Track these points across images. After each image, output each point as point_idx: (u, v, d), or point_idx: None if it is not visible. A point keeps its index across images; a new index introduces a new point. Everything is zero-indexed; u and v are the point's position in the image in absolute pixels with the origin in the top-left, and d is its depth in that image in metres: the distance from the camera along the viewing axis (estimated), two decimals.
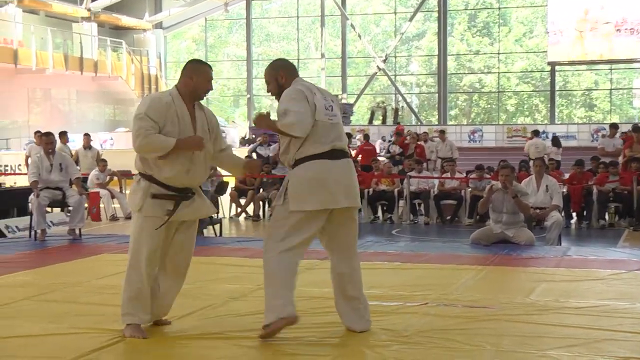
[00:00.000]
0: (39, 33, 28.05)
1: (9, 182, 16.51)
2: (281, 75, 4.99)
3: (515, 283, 7.31)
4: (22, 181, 15.17)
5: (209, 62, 5.31)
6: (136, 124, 4.84)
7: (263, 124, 4.95)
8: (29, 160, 14.52)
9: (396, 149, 18.53)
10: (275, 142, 17.23)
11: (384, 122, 32.90)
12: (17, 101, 26.85)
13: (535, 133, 20.81)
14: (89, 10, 31.01)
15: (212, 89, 5.15)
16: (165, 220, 4.89)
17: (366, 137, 21.23)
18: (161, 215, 4.93)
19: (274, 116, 4.97)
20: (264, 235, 4.91)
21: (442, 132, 20.08)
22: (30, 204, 10.76)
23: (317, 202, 4.81)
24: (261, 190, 14.68)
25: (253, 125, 33.90)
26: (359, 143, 28.71)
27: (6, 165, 21.46)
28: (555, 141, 20.93)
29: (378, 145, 28.55)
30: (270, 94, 5.12)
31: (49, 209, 11.24)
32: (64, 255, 9.00)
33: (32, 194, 10.52)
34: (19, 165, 20.41)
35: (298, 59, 37.33)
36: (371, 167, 15.19)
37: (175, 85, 5.12)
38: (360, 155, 18.72)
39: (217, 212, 12.43)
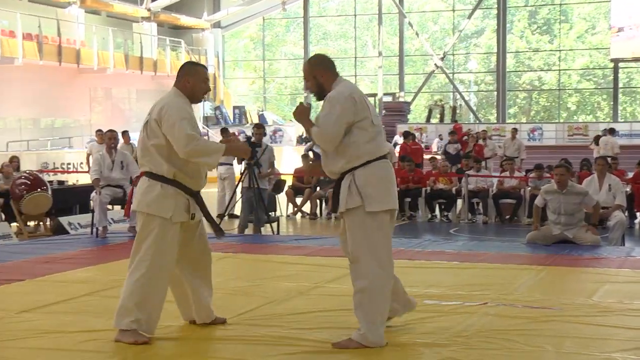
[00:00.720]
0: (100, 33, 28.53)
1: (72, 179, 16.85)
2: (319, 72, 4.85)
3: (576, 284, 7.21)
4: (84, 179, 15.47)
5: (266, 61, 5.26)
6: (181, 128, 4.73)
7: (300, 119, 4.87)
8: (91, 159, 14.79)
9: (455, 148, 18.35)
10: None
11: (441, 120, 32.67)
12: (79, 100, 27.37)
13: (611, 131, 20.60)
14: (149, 10, 31.45)
15: (209, 89, 5.12)
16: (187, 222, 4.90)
17: (413, 136, 21.10)
18: (187, 219, 4.90)
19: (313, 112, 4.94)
20: (358, 251, 4.71)
21: (515, 130, 19.88)
22: (92, 202, 10.94)
23: (393, 202, 4.77)
24: (318, 188, 14.71)
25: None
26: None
27: (69, 164, 21.90)
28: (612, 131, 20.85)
29: (435, 144, 28.39)
30: (309, 91, 4.98)
31: (110, 207, 11.43)
32: (125, 251, 9.01)
33: (94, 191, 10.70)
34: (81, 163, 20.80)
35: (355, 57, 37.31)
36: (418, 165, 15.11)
37: (175, 88, 5.04)
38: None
39: (275, 211, 12.48)
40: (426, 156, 20.16)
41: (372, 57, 37.33)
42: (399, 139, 26.73)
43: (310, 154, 18.06)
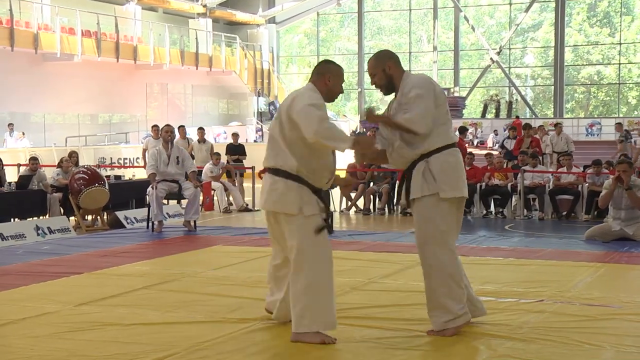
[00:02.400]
0: (156, 29, 28.96)
1: (128, 174, 17.07)
2: (389, 65, 4.87)
3: (637, 281, 7.14)
4: (140, 174, 15.64)
5: (320, 56, 5.18)
6: (311, 109, 4.57)
7: (377, 120, 4.93)
8: (147, 154, 14.98)
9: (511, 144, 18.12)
10: None
11: (497, 115, 32.35)
12: (136, 96, 27.80)
13: None
14: (204, 6, 31.79)
15: (342, 91, 5.03)
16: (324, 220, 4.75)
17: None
18: (319, 212, 4.78)
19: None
20: (421, 234, 4.83)
21: (558, 124, 19.61)
22: (148, 196, 11.02)
23: (465, 189, 4.84)
24: (371, 184, 14.70)
25: (363, 119, 34.04)
26: (470, 137, 28.42)
27: (125, 158, 22.25)
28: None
29: (490, 139, 28.14)
30: (374, 86, 4.99)
31: (165, 201, 11.58)
32: (180, 246, 9.28)
33: (150, 186, 10.80)
34: (137, 158, 21.10)
35: (410, 52, 37.12)
36: None
37: (312, 84, 4.88)
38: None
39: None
40: (482, 152, 20.01)
41: (427, 51, 37.12)
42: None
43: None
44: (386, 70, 4.85)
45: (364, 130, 26.88)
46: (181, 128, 16.50)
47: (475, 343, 4.71)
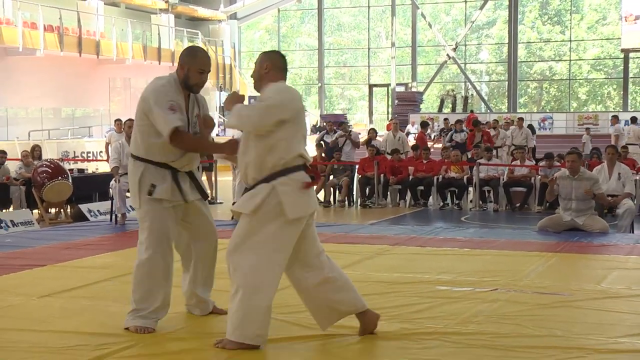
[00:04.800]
0: (119, 25, 28.91)
1: (91, 168, 17.12)
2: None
3: (586, 270, 7.23)
4: (104, 167, 15.66)
5: (282, 52, 5.15)
6: (266, 108, 4.45)
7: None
8: (110, 147, 15.08)
9: (461, 137, 18.62)
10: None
11: (453, 110, 32.92)
12: (99, 90, 27.76)
13: (633, 120, 21.02)
14: (166, 2, 31.77)
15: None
16: None
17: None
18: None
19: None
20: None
21: (521, 119, 20.24)
22: (111, 189, 11.02)
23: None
24: (331, 177, 15.02)
25: (324, 113, 34.37)
26: (427, 131, 28.92)
27: (88, 152, 22.30)
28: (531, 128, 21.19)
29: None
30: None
31: (128, 194, 11.66)
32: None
33: (113, 179, 10.86)
34: (100, 152, 21.16)
35: (369, 48, 37.55)
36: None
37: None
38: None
39: None
40: (438, 145, 20.47)
41: (386, 47, 37.55)
42: (411, 129, 27.13)
43: (322, 143, 18.43)
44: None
45: (324, 124, 27.25)
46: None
47: (430, 331, 4.79)
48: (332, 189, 14.81)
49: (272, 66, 4.62)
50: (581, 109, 34.52)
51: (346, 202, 14.57)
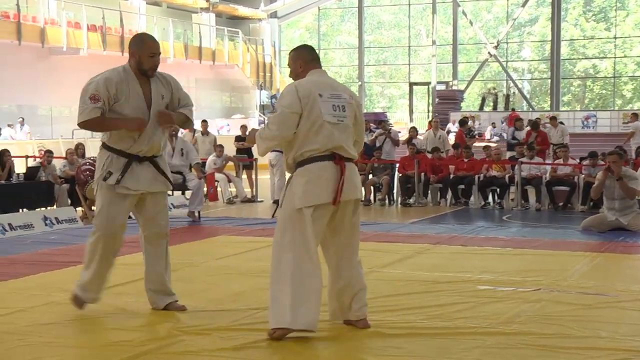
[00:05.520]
0: (161, 24, 29.22)
1: None
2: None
3: (631, 271, 7.16)
4: None
5: (321, 50, 5.24)
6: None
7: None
8: None
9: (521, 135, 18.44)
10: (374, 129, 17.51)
11: (494, 108, 32.67)
12: None
13: None
14: (207, 1, 32.02)
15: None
16: None
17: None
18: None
19: None
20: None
21: (554, 118, 19.94)
22: None
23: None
24: (371, 175, 14.99)
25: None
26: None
27: None
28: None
29: (488, 131, 28.47)
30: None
31: (170, 192, 11.74)
32: (184, 236, 9.33)
33: None
34: None
35: (409, 46, 37.43)
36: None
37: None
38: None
39: None
40: (479, 144, 20.31)
41: (426, 45, 37.39)
42: (452, 127, 26.95)
43: None
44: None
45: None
46: None
47: (473, 331, 4.75)
48: (372, 187, 14.77)
49: (304, 62, 4.80)
50: (626, 107, 34.00)
51: (386, 201, 14.53)
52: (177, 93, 5.32)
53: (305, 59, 4.81)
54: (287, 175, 4.87)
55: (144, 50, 5.09)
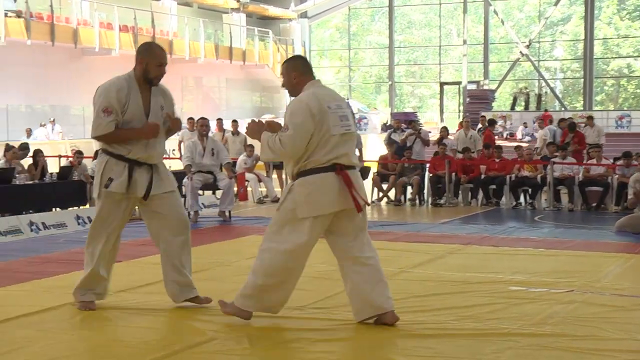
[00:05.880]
0: (192, 24, 29.39)
1: (176, 165, 17.38)
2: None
3: None
4: (176, 165, 15.87)
5: (351, 50, 5.29)
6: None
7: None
8: (183, 146, 15.26)
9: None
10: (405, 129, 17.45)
11: (526, 108, 32.41)
12: (172, 89, 27.72)
13: None
14: (238, 1, 32.16)
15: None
16: None
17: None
18: None
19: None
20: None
21: (590, 117, 19.74)
22: (183, 187, 11.05)
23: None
24: (402, 175, 14.95)
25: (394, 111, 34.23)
26: (500, 129, 28.55)
27: None
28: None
29: (520, 131, 28.23)
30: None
31: (200, 192, 11.70)
32: (215, 235, 9.39)
33: (186, 177, 10.94)
34: (173, 150, 21.43)
35: (440, 46, 37.28)
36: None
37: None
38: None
39: None
40: (511, 144, 20.19)
41: (457, 45, 37.22)
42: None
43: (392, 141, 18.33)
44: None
45: (391, 123, 27.08)
46: (218, 121, 16.87)
47: (505, 333, 4.72)
48: (402, 187, 14.73)
49: (298, 74, 4.89)
50: None
51: (417, 201, 14.47)
52: (171, 108, 5.46)
53: (299, 71, 4.90)
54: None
55: (152, 59, 5.19)
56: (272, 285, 4.80)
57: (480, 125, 21.18)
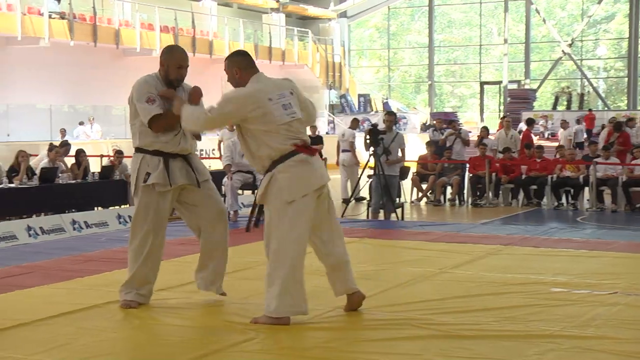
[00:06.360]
0: (231, 25, 29.59)
1: (215, 165, 17.49)
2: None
3: None
4: (216, 165, 15.99)
5: (390, 50, 5.37)
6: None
7: (171, 98, 5.26)
8: (222, 145, 15.34)
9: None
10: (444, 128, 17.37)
11: (568, 107, 32.04)
12: (212, 89, 28.21)
13: None
14: (277, 1, 32.29)
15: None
16: None
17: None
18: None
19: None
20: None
21: (631, 119, 19.55)
22: (223, 187, 11.07)
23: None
24: (442, 175, 14.90)
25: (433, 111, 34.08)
26: (541, 129, 28.27)
27: (201, 150, 22.80)
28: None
29: (561, 132, 27.89)
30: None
31: (240, 192, 11.69)
32: (253, 235, 9.30)
33: (226, 177, 10.96)
34: (213, 149, 21.58)
35: (480, 45, 37.02)
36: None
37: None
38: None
39: (399, 197, 12.62)
40: (553, 144, 20.01)
41: (497, 44, 36.93)
42: (523, 126, 26.50)
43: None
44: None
45: (434, 122, 26.95)
46: None
47: (548, 334, 4.65)
48: (442, 187, 14.68)
49: (240, 69, 5.02)
50: None
51: (457, 201, 14.41)
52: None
53: (240, 66, 5.03)
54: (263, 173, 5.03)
55: (172, 61, 5.35)
56: (296, 276, 4.87)
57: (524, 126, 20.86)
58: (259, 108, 4.83)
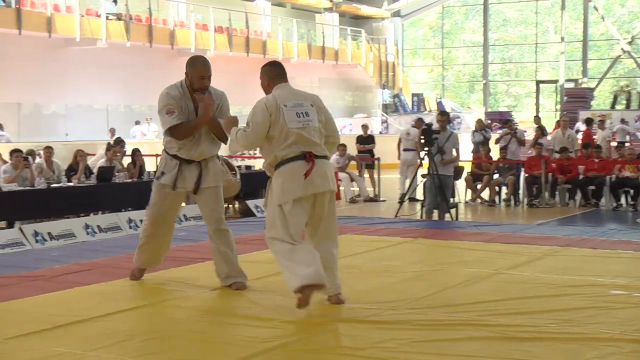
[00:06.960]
0: (285, 24, 29.70)
1: (258, 164, 17.63)
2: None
3: None
4: (259, 164, 16.10)
5: (444, 49, 5.65)
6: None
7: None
8: None
9: None
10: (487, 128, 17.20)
11: (627, 106, 31.39)
12: None
13: None
14: (331, 1, 32.32)
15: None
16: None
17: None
18: None
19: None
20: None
21: None
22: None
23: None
24: (496, 175, 14.77)
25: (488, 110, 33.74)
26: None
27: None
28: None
29: (599, 133, 27.34)
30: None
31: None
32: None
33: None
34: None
35: (536, 44, 36.52)
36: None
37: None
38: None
39: (453, 197, 12.46)
40: (612, 144, 19.68)
41: (554, 43, 36.38)
42: (581, 126, 26.07)
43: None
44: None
45: (489, 121, 26.70)
46: None
47: (607, 338, 4.58)
48: (497, 187, 14.54)
49: (269, 78, 5.48)
50: None
51: (512, 201, 14.25)
52: (223, 107, 5.99)
53: (270, 76, 5.47)
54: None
55: (194, 73, 5.81)
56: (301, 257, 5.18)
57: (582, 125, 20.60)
58: (274, 113, 5.23)
